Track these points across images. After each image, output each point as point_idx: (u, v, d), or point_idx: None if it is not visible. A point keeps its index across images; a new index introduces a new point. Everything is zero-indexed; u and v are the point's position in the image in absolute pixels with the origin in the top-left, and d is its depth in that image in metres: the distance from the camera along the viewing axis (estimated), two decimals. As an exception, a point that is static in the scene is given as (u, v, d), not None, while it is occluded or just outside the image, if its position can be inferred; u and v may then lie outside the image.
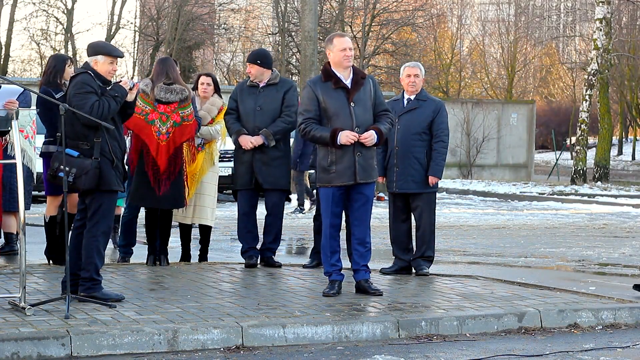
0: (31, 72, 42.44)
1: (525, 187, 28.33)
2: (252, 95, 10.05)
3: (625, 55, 38.88)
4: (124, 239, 10.43)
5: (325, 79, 8.59)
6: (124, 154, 8.18)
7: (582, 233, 16.41)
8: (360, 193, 8.62)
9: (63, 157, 7.77)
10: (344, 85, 8.56)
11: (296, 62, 34.75)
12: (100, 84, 8.00)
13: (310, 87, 8.60)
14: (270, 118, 10.01)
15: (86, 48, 8.24)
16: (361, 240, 8.66)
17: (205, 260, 10.63)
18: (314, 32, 26.83)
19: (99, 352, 6.76)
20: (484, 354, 7.07)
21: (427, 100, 9.94)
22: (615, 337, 7.80)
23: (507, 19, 52.70)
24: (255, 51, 10.54)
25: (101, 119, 7.86)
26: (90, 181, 7.85)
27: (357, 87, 8.57)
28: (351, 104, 8.51)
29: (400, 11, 42.19)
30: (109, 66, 8.08)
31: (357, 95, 8.55)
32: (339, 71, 8.59)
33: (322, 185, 8.64)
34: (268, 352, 7.01)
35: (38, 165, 11.00)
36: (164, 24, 41.18)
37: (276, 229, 10.19)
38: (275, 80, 10.14)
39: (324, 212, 8.66)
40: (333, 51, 8.59)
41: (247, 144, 9.90)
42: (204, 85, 10.51)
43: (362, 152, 8.51)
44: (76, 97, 7.90)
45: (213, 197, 10.44)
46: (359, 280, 8.71)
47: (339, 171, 8.51)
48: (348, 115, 8.48)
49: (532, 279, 10.29)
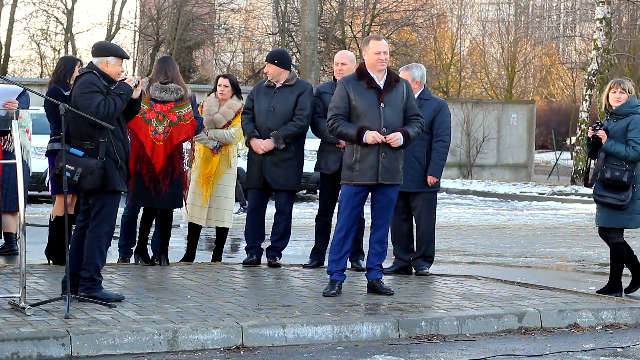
0: (31, 72, 42.45)
1: (525, 187, 28.33)
2: (267, 95, 10.04)
3: (625, 55, 38.85)
4: (124, 239, 10.40)
5: (359, 77, 8.63)
6: (128, 154, 8.18)
7: (582, 233, 16.42)
8: (383, 194, 8.62)
9: (63, 156, 7.77)
10: (376, 85, 8.59)
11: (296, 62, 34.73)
12: (105, 83, 8.00)
13: (342, 85, 8.64)
14: (282, 120, 9.98)
15: (93, 49, 8.23)
16: (380, 241, 8.70)
17: (219, 260, 10.64)
18: (314, 32, 26.85)
19: (99, 352, 6.76)
20: (484, 354, 7.08)
21: (430, 99, 9.93)
22: (615, 337, 7.80)
23: (507, 19, 52.67)
24: (273, 51, 10.54)
25: (108, 118, 7.86)
26: (95, 181, 7.85)
27: (390, 88, 8.61)
28: (381, 105, 8.54)
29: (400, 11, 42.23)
30: (118, 68, 8.11)
31: (388, 96, 8.59)
32: (373, 72, 8.62)
33: (344, 183, 8.66)
34: (268, 352, 7.01)
35: (34, 166, 11.03)
36: (164, 24, 41.19)
37: (282, 228, 10.18)
38: (292, 81, 10.11)
39: (342, 211, 8.68)
40: (368, 53, 8.63)
41: (258, 149, 9.90)
42: (221, 87, 10.42)
43: (387, 153, 8.52)
44: (82, 97, 7.90)
45: (230, 199, 10.42)
46: (371, 279, 8.73)
47: (362, 170, 8.53)
48: (377, 115, 8.50)
49: (532, 279, 10.29)
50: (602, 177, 9.33)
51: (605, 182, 9.31)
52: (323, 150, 10.05)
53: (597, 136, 9.42)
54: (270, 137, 9.93)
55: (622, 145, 9.29)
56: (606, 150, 9.37)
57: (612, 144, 9.32)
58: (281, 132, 9.92)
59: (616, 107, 9.43)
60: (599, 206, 9.44)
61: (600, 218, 9.47)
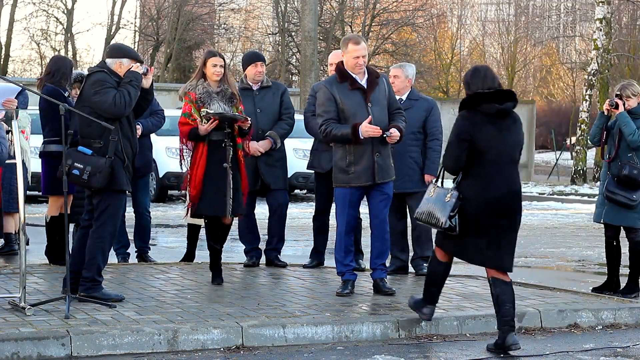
0: (31, 72, 42.50)
1: (525, 187, 28.29)
2: (248, 98, 9.89)
3: (625, 55, 38.85)
4: (117, 242, 10.34)
5: (341, 79, 8.56)
6: (134, 153, 8.17)
7: (582, 233, 16.42)
8: (379, 191, 8.59)
9: (64, 155, 7.79)
10: (360, 86, 8.54)
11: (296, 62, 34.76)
12: (116, 79, 8.01)
13: (326, 88, 8.55)
14: (272, 120, 9.98)
15: (108, 49, 8.35)
16: (381, 239, 8.67)
17: None
18: (314, 32, 26.82)
19: (99, 352, 6.76)
20: (484, 354, 7.08)
21: (419, 99, 9.93)
22: (615, 337, 7.80)
23: (507, 19, 52.69)
24: (256, 51, 10.49)
25: (126, 109, 7.90)
26: (103, 180, 7.84)
27: (373, 87, 8.57)
28: (368, 105, 8.51)
29: (400, 11, 42.25)
30: None
31: (373, 95, 8.55)
32: (354, 73, 8.58)
33: (339, 186, 8.62)
34: (268, 352, 7.01)
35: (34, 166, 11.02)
36: (164, 24, 41.23)
37: (281, 229, 10.20)
38: (269, 83, 10.14)
39: (340, 213, 8.64)
40: (346, 56, 8.58)
41: (256, 151, 9.83)
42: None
43: (381, 152, 8.49)
44: (96, 95, 7.89)
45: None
46: (375, 279, 8.73)
47: (358, 172, 8.48)
48: (366, 116, 8.44)
49: (532, 279, 10.29)
50: (619, 173, 9.25)
51: (620, 178, 9.23)
52: (317, 149, 10.02)
53: (615, 103, 9.32)
54: (267, 137, 9.91)
55: (634, 125, 9.21)
56: (619, 117, 9.24)
57: (627, 116, 9.25)
58: (277, 132, 9.92)
59: (634, 107, 9.39)
60: (607, 202, 9.35)
61: (607, 215, 9.40)
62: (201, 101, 8.96)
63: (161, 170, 19.80)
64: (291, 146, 17.81)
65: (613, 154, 9.35)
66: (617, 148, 9.34)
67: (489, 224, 7.16)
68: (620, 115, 9.28)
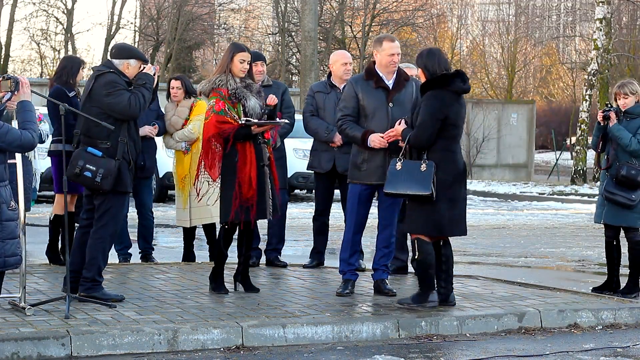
0: (31, 72, 42.47)
1: (525, 187, 28.32)
2: None
3: (625, 55, 38.85)
4: (119, 243, 10.35)
5: (368, 77, 8.61)
6: (138, 154, 8.17)
7: (582, 233, 16.42)
8: None
9: (63, 154, 7.80)
10: (384, 85, 8.57)
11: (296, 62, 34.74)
12: (125, 80, 8.02)
13: (351, 84, 8.64)
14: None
15: (114, 50, 8.27)
16: (387, 241, 8.70)
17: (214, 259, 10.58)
18: (314, 32, 26.83)
19: (99, 352, 6.76)
20: (484, 354, 7.08)
21: None
22: (615, 337, 7.80)
23: (507, 19, 52.67)
24: (256, 51, 10.52)
25: (140, 112, 7.94)
26: (113, 182, 7.85)
27: (398, 88, 8.59)
28: (389, 105, 8.53)
29: (400, 11, 42.24)
30: (138, 70, 8.13)
31: (396, 96, 8.57)
32: (383, 72, 8.59)
33: (351, 182, 8.67)
34: (268, 352, 7.01)
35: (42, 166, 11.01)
36: (164, 24, 41.21)
37: (281, 229, 10.20)
38: (269, 82, 10.13)
39: (350, 211, 8.67)
40: (380, 53, 8.58)
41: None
42: (174, 89, 10.52)
43: (393, 154, 8.48)
44: (109, 97, 7.89)
45: (212, 195, 10.35)
46: (376, 280, 8.73)
47: (370, 169, 8.54)
48: (385, 115, 8.48)
49: (532, 279, 10.29)
50: (617, 173, 9.26)
51: (619, 179, 9.24)
52: (316, 149, 10.03)
53: (608, 116, 9.37)
54: None
55: (628, 134, 9.23)
56: (611, 132, 9.29)
57: (619, 129, 9.27)
58: (278, 132, 9.92)
59: (630, 107, 9.39)
60: (607, 203, 9.36)
61: (607, 215, 9.40)
62: (236, 97, 8.37)
63: (161, 170, 19.78)
64: (291, 146, 17.82)
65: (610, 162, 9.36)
66: (615, 150, 9.36)
67: (458, 194, 8.00)
68: (612, 129, 9.34)
